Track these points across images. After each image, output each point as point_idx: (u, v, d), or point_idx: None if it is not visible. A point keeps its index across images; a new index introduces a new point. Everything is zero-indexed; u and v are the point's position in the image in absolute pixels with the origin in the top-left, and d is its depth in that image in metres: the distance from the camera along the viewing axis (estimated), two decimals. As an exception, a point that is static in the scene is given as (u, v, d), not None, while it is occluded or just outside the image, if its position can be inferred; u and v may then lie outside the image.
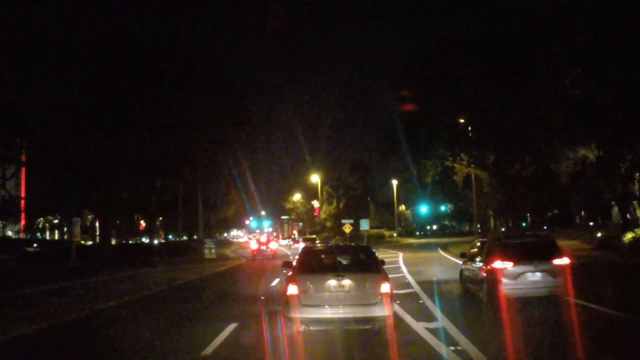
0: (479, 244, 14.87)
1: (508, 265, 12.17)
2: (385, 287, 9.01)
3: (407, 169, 36.14)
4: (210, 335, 9.57)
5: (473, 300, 13.54)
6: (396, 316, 10.27)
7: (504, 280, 12.06)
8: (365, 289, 9.05)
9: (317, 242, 34.10)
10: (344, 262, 10.33)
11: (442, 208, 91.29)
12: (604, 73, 21.28)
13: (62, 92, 27.68)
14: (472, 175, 38.82)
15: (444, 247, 43.54)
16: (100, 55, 28.11)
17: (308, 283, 9.11)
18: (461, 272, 15.64)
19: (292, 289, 9.06)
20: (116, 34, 30.00)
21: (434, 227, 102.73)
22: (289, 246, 58.68)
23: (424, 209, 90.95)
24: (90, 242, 50.35)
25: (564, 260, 12.41)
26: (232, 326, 10.47)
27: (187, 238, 57.50)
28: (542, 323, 10.20)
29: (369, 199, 78.71)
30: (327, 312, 8.99)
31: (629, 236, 25.07)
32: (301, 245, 34.97)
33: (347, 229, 49.44)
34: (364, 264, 9.95)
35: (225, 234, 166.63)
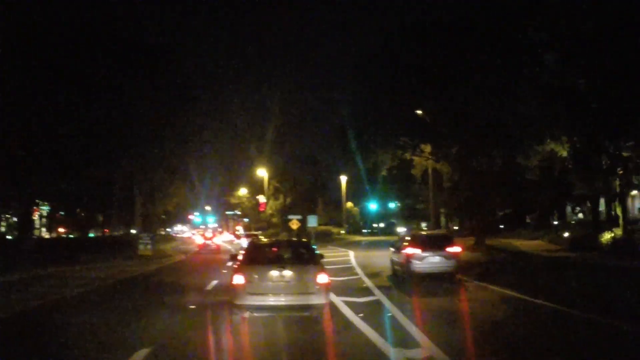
0: (408, 238, 18.74)
1: (417, 251, 17.22)
2: (322, 278, 9.85)
3: (362, 161, 34.15)
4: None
5: (398, 278, 18.79)
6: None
7: (414, 262, 17.14)
8: (304, 279, 9.89)
9: (259, 237, 34.65)
10: (286, 255, 11.06)
11: (392, 205, 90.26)
12: (586, 59, 20.01)
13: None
14: (429, 170, 37.00)
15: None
16: (26, 34, 25.15)
17: (253, 274, 9.87)
18: (391, 259, 20.19)
19: (239, 279, 9.81)
20: (45, 11, 26.89)
21: (381, 224, 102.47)
22: (231, 242, 59.59)
23: (373, 206, 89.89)
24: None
25: (456, 249, 17.64)
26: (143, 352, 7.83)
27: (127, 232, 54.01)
28: (437, 290, 15.65)
29: (317, 195, 76.60)
30: (270, 300, 9.77)
31: (607, 236, 23.91)
32: (242, 240, 37.42)
33: (295, 225, 47.29)
34: (303, 257, 10.79)
35: (169, 229, 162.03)
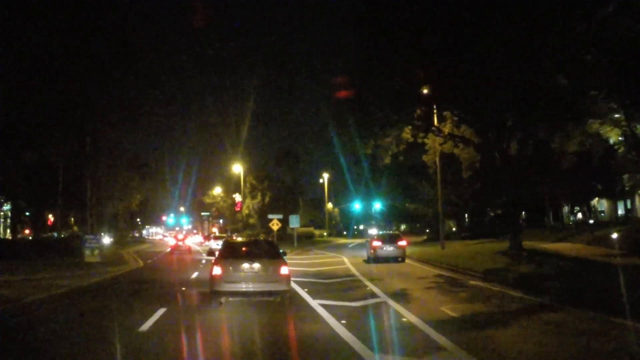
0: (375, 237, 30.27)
1: (379, 243, 27.72)
2: (284, 270, 12.34)
3: (359, 149, 27.76)
4: None
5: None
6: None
7: (378, 250, 27.41)
8: (269, 270, 12.28)
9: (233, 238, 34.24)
10: (255, 251, 13.13)
11: (377, 207, 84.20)
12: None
13: None
14: (437, 160, 30.84)
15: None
16: None
17: (228, 266, 12.25)
18: (367, 248, 30.15)
19: (217, 270, 12.17)
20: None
21: (361, 227, 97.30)
22: (201, 243, 62.06)
23: (357, 206, 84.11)
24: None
25: (403, 243, 28.08)
26: None
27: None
28: (390, 267, 24.38)
29: (298, 193, 70.04)
30: (242, 287, 12.14)
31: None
32: (212, 242, 39.12)
33: (275, 225, 40.95)
34: (269, 253, 13.14)
35: (144, 231, 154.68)
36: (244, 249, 13.43)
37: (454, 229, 53.99)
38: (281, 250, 13.97)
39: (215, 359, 8.34)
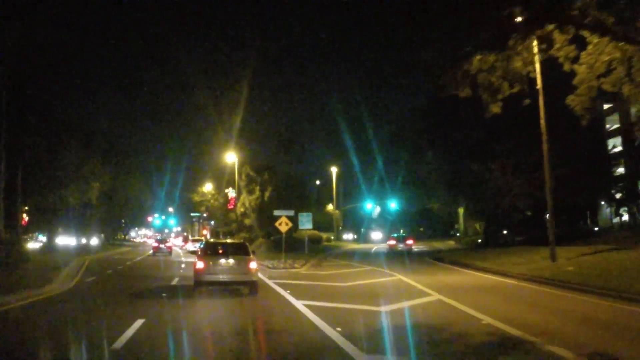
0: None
1: (392, 242, 52.42)
2: (253, 265, 15.10)
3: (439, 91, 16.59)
4: None
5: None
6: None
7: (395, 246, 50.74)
8: (241, 265, 15.03)
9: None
10: (230, 250, 15.95)
11: (394, 206, 72.97)
12: None
13: None
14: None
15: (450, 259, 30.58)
16: None
17: (209, 261, 15.04)
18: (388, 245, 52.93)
19: (200, 265, 14.91)
20: None
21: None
22: (182, 246, 65.27)
23: (369, 206, 73.14)
24: None
25: (409, 242, 52.16)
26: None
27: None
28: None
29: (306, 189, 58.54)
30: (220, 277, 14.91)
31: None
32: (189, 245, 49.70)
33: (284, 225, 29.81)
34: (241, 251, 15.82)
35: (133, 233, 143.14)
36: (220, 247, 16.41)
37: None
38: (251, 249, 16.54)
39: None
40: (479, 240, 53.35)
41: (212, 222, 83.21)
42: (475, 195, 38.02)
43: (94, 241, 72.75)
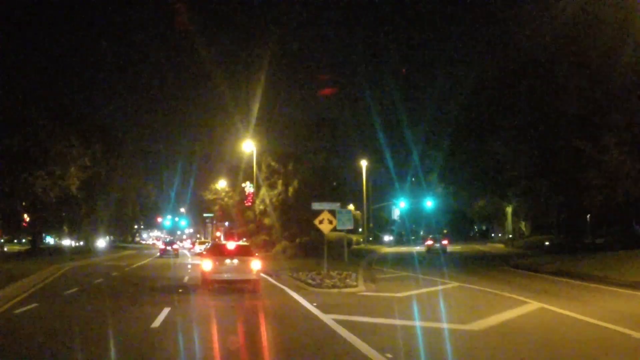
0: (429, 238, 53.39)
1: (430, 242, 51.23)
2: (255, 265, 16.35)
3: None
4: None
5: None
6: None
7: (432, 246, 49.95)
8: (245, 265, 16.34)
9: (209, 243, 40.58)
10: (234, 250, 17.14)
11: (430, 204, 64.52)
12: None
13: None
14: None
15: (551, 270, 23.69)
16: None
17: (216, 261, 16.39)
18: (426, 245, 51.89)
19: (207, 265, 16.37)
20: None
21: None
22: (189, 249, 65.31)
23: (402, 204, 65.04)
24: None
25: (445, 241, 50.79)
26: None
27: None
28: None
29: (341, 180, 49.84)
30: (225, 276, 16.36)
31: None
32: (197, 247, 50.75)
33: (327, 224, 21.57)
34: (245, 252, 17.06)
35: (145, 235, 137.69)
36: (226, 249, 17.55)
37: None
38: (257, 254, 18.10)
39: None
40: (546, 243, 45.10)
41: (227, 223, 75.50)
42: (573, 185, 28.98)
43: (101, 243, 67.13)
